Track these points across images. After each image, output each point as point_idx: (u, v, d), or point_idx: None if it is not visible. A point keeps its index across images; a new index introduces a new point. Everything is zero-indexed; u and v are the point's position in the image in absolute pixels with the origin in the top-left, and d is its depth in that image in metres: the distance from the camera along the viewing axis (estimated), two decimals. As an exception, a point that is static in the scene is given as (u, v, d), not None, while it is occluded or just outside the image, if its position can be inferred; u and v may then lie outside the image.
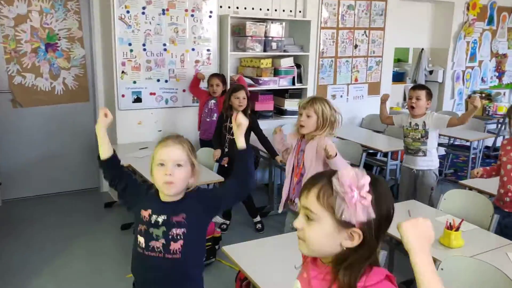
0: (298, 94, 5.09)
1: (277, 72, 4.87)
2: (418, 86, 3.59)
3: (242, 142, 1.76)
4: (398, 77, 6.54)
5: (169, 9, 4.31)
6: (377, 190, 1.02)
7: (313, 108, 2.52)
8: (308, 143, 2.59)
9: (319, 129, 2.54)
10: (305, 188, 1.08)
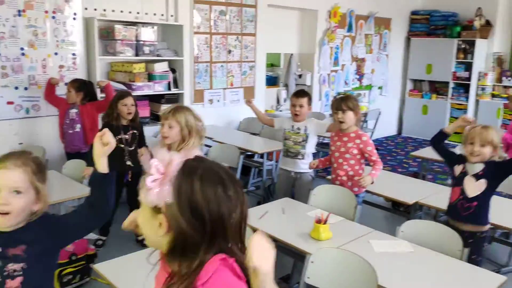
0: (175, 99, 5.01)
1: (151, 77, 4.75)
2: (300, 94, 3.62)
3: (103, 164, 1.51)
4: (271, 81, 6.82)
5: (26, 10, 3.93)
6: (185, 172, 0.96)
7: (175, 118, 2.41)
8: None
9: (186, 140, 2.42)
10: None
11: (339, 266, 2.07)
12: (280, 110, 6.48)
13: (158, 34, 4.88)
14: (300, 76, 6.69)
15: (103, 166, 1.51)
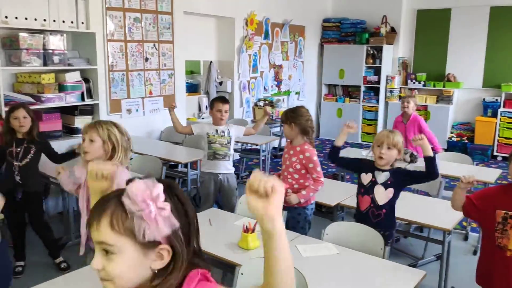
0: (90, 110, 4.76)
1: (62, 87, 4.46)
2: (225, 100, 3.84)
3: None
4: (192, 88, 6.74)
5: None
6: (173, 195, 0.96)
7: (96, 131, 2.24)
8: None
9: (112, 157, 2.24)
10: (92, 219, 0.93)
11: (269, 275, 2.07)
12: (202, 118, 6.42)
13: (68, 42, 4.61)
14: (220, 83, 6.69)
15: None
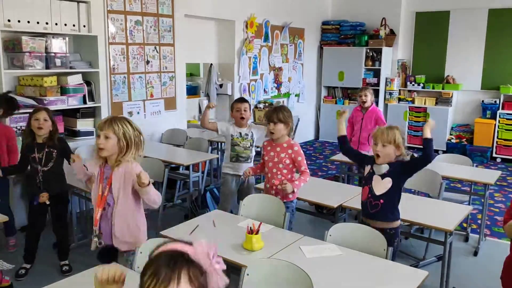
0: (91, 113, 4.79)
1: (64, 90, 4.48)
2: (243, 99, 3.95)
3: None
4: (192, 91, 6.77)
5: None
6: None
7: (112, 128, 2.29)
8: (114, 170, 2.36)
9: (124, 152, 2.32)
10: (169, 279, 1.02)
11: (275, 277, 2.09)
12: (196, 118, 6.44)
13: (70, 45, 4.63)
14: (221, 85, 6.72)
15: None
